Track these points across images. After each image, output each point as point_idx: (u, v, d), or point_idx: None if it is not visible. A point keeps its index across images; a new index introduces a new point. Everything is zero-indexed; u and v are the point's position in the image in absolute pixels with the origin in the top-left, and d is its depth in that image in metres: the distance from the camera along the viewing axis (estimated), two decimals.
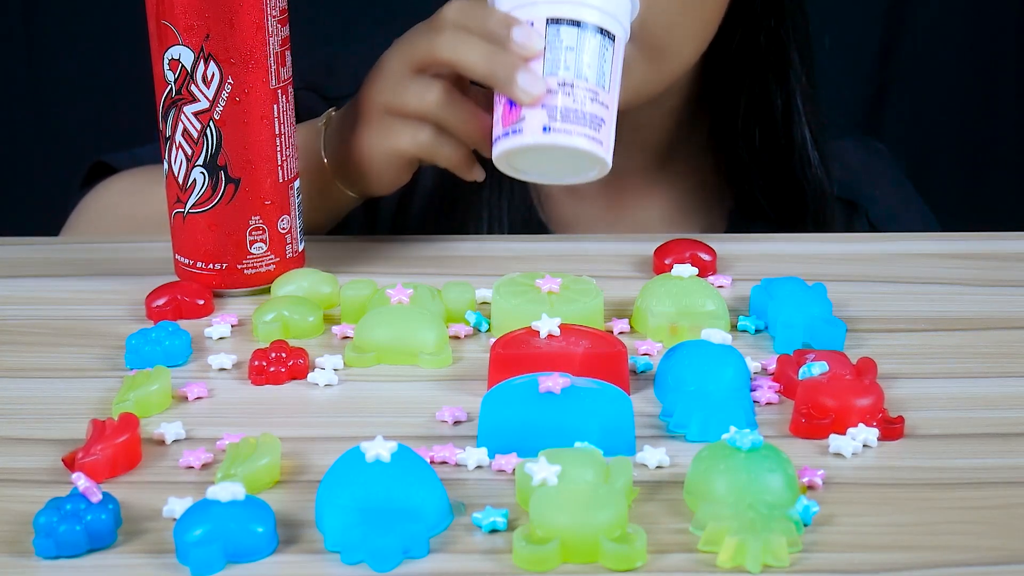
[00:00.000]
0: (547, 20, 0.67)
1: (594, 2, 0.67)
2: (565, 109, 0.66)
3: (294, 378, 0.62)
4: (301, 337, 0.66)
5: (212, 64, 0.67)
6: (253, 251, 0.71)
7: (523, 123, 0.66)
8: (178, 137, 0.69)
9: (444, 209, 0.90)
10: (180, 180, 0.70)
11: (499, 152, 0.67)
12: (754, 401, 0.59)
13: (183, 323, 0.67)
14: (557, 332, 0.61)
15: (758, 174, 0.90)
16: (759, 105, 0.89)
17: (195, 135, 0.68)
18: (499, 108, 0.68)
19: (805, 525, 0.50)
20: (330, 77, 0.92)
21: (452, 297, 0.67)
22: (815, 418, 0.56)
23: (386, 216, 0.93)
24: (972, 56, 1.41)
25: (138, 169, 0.89)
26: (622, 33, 0.69)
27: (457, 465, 0.54)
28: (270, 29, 0.68)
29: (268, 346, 0.63)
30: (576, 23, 0.67)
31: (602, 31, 0.67)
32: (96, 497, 0.49)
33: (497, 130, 0.68)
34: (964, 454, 0.55)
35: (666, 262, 0.72)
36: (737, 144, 0.90)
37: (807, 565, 0.48)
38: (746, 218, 0.92)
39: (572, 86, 0.66)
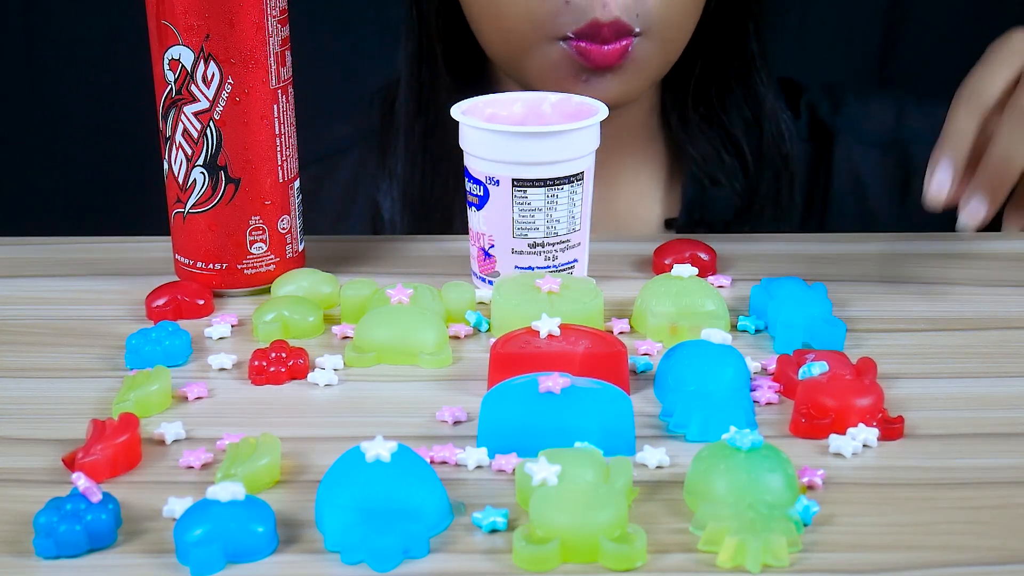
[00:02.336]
0: (512, 181, 0.67)
1: (560, 153, 0.67)
2: (536, 268, 0.68)
3: (294, 378, 0.62)
4: (301, 337, 0.66)
5: (212, 64, 0.67)
6: (253, 251, 0.71)
7: (496, 279, 0.68)
8: (178, 137, 0.69)
9: (424, 211, 0.90)
10: (180, 180, 0.70)
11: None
12: (754, 401, 0.59)
13: (183, 323, 0.67)
14: (557, 332, 0.61)
15: (716, 133, 0.90)
16: (713, 71, 0.89)
17: (195, 135, 0.68)
18: (474, 249, 0.70)
19: (805, 525, 0.50)
20: None
21: (452, 297, 0.67)
22: (815, 418, 0.56)
23: (365, 220, 0.92)
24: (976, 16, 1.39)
25: None
26: (591, 162, 0.69)
27: (457, 465, 0.54)
28: (270, 29, 0.68)
29: (268, 346, 0.63)
30: (543, 182, 0.67)
31: (570, 179, 0.67)
32: (96, 497, 0.49)
33: (475, 266, 0.70)
34: (964, 454, 0.55)
35: (666, 262, 0.72)
36: (688, 105, 0.90)
37: (807, 565, 0.48)
38: (708, 183, 0.91)
39: (542, 245, 0.68)
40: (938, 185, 0.64)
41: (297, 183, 0.72)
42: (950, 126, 0.66)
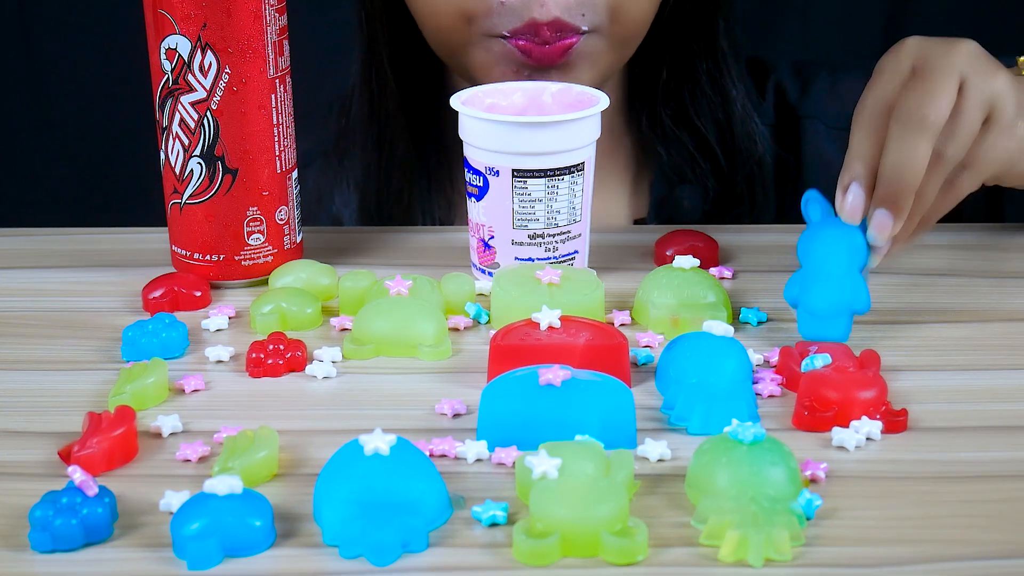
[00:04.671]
0: (512, 172, 0.66)
1: (560, 143, 0.66)
2: (537, 259, 0.68)
3: (292, 370, 0.61)
4: (299, 329, 0.65)
5: (209, 53, 0.66)
6: (251, 242, 0.70)
7: (496, 271, 0.68)
8: (175, 127, 0.68)
9: (379, 219, 0.90)
10: (177, 171, 0.69)
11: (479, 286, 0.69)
12: (756, 393, 0.59)
13: (180, 315, 0.67)
14: (557, 324, 0.60)
15: (688, 135, 0.88)
16: (683, 70, 0.88)
17: (192, 125, 0.68)
18: (474, 241, 0.70)
19: (808, 519, 0.49)
20: None
21: (451, 288, 0.67)
22: (818, 411, 0.56)
23: (370, 214, 0.92)
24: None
25: None
26: (591, 152, 0.68)
27: (456, 458, 0.54)
28: (268, 18, 0.67)
29: (266, 338, 0.62)
30: (543, 173, 0.66)
31: (570, 169, 0.67)
32: (92, 490, 0.49)
33: (474, 258, 0.70)
34: (968, 447, 0.55)
35: (667, 253, 0.72)
36: (657, 105, 0.88)
37: (810, 559, 0.47)
38: (677, 181, 0.89)
39: (543, 236, 0.67)
40: (851, 208, 0.63)
41: (295, 174, 0.72)
42: (851, 146, 0.64)
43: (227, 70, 0.67)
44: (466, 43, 0.80)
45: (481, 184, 0.68)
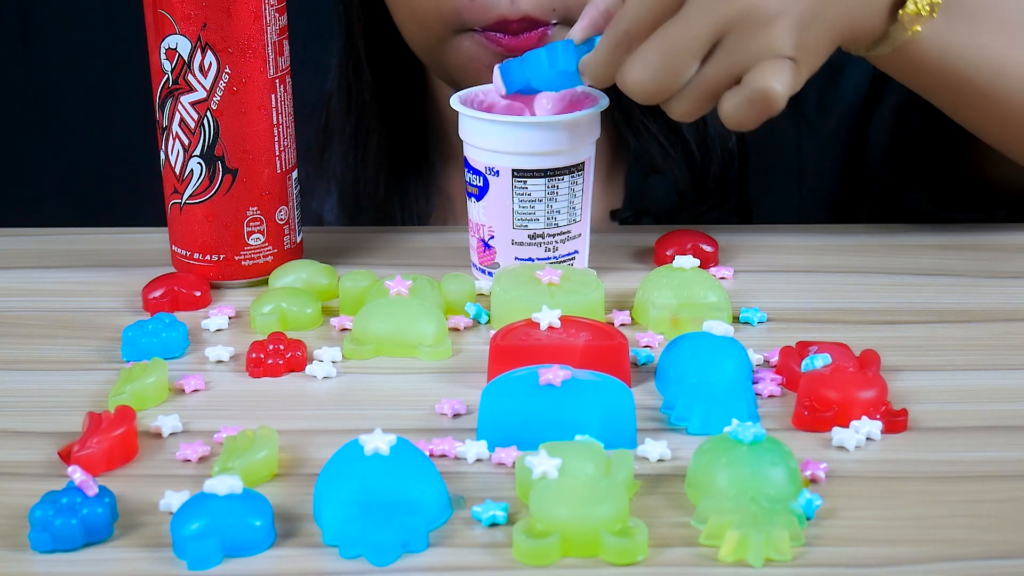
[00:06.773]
0: (512, 172, 0.66)
1: (560, 143, 0.66)
2: (537, 259, 0.68)
3: (292, 370, 0.61)
4: (299, 329, 0.65)
5: (209, 53, 0.66)
6: (251, 242, 0.70)
7: (496, 271, 0.68)
8: (175, 127, 0.68)
9: (356, 211, 0.90)
10: (177, 171, 0.69)
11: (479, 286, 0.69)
12: (756, 394, 0.59)
13: (180, 315, 0.67)
14: (557, 324, 0.60)
15: (657, 125, 0.88)
16: None
17: (192, 125, 0.68)
18: (474, 240, 0.69)
19: (808, 519, 0.49)
20: None
21: (451, 288, 0.67)
22: (818, 411, 0.56)
23: (347, 207, 0.91)
24: None
25: None
26: (591, 152, 0.68)
27: (456, 458, 0.54)
28: (268, 18, 0.67)
29: (266, 338, 0.62)
30: (543, 172, 0.66)
31: (571, 169, 0.67)
32: (92, 490, 0.49)
33: (474, 258, 0.70)
34: (968, 447, 0.55)
35: (668, 253, 0.72)
36: (625, 99, 0.88)
37: (810, 559, 0.47)
38: (649, 170, 0.89)
39: (543, 236, 0.67)
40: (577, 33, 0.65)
41: (295, 174, 0.72)
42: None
43: (227, 70, 0.67)
44: (441, 39, 0.81)
45: (481, 184, 0.68)
